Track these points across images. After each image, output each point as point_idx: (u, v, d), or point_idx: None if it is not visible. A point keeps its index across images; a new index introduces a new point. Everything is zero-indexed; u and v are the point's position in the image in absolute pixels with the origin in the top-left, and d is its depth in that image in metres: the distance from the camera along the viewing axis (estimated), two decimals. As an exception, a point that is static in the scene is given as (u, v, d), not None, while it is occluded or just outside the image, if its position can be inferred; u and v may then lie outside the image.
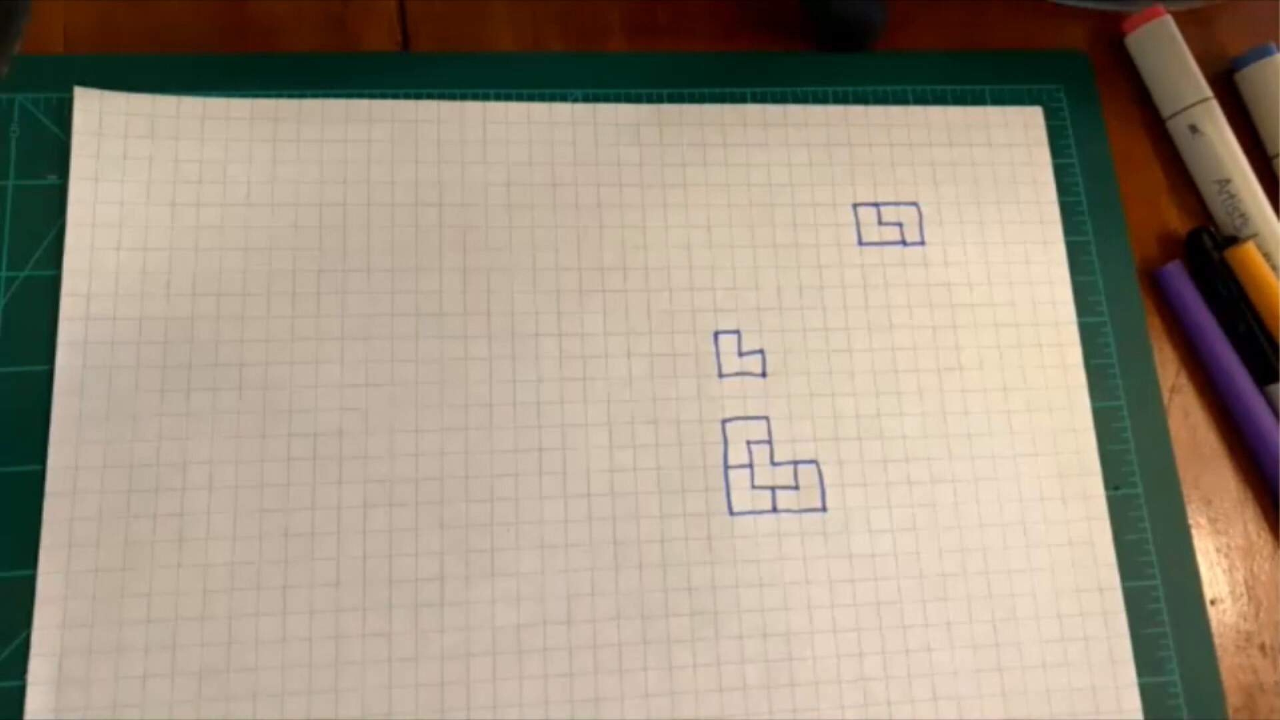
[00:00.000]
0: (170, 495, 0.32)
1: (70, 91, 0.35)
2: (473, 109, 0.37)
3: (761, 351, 0.36)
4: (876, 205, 0.38)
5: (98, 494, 0.31)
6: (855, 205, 0.38)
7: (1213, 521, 0.37)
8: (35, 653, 0.30)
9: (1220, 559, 0.37)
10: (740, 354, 0.35)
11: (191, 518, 0.32)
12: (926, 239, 0.38)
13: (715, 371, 0.35)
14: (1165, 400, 0.38)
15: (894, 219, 0.38)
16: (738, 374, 0.35)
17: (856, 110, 0.39)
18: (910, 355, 0.36)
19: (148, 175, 0.34)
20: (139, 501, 0.32)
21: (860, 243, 0.37)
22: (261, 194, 0.35)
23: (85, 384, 0.32)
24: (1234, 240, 0.39)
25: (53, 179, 0.34)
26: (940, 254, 0.38)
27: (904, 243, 0.38)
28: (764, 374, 0.35)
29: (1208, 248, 0.39)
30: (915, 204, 0.38)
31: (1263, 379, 0.38)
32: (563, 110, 0.37)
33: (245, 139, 0.35)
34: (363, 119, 0.36)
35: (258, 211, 0.35)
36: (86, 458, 0.32)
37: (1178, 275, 0.39)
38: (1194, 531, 0.36)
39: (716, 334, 0.36)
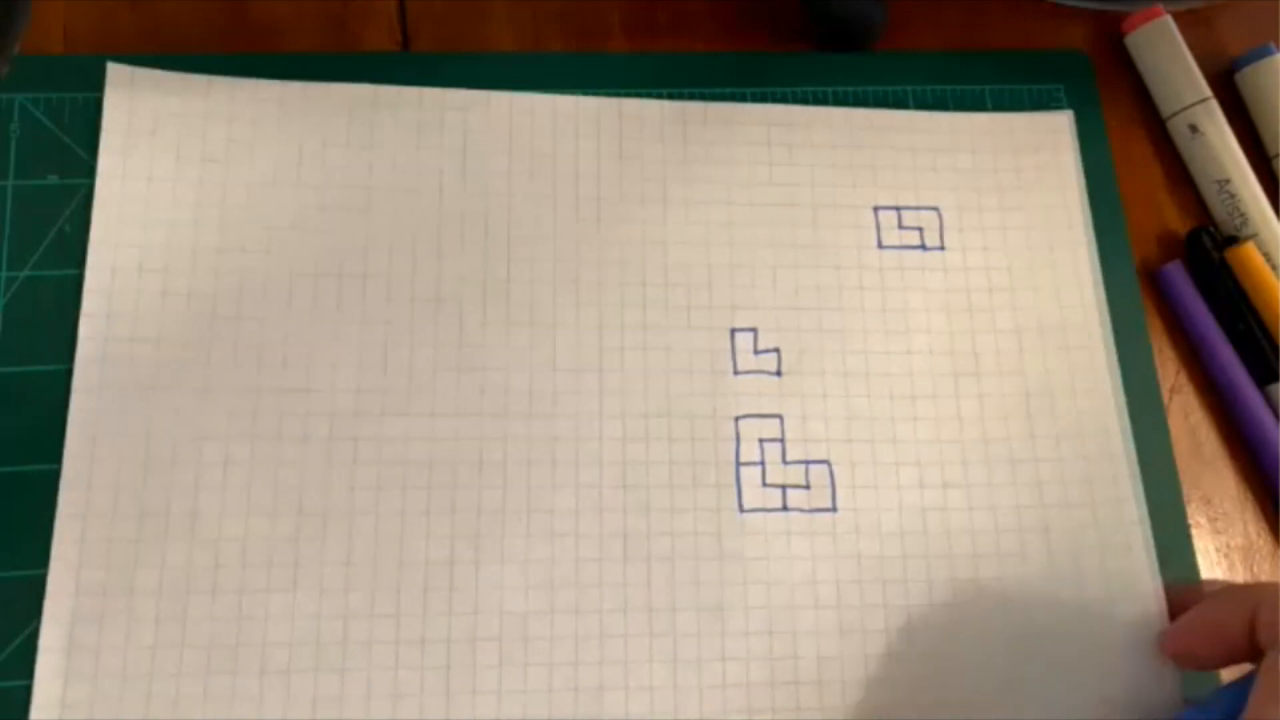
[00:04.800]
0: (185, 469, 0.32)
1: (69, 91, 0.35)
2: (499, 99, 0.37)
3: (777, 350, 0.36)
4: (897, 209, 0.38)
5: (114, 465, 0.32)
6: (876, 208, 0.38)
7: (1213, 521, 0.37)
8: (46, 621, 0.30)
9: (1220, 559, 0.37)
10: (756, 352, 0.35)
11: (206, 492, 0.32)
12: (946, 244, 0.38)
13: (730, 368, 0.35)
14: (1165, 400, 0.38)
15: (914, 223, 0.38)
16: (753, 371, 0.35)
17: (881, 114, 0.39)
18: (926, 359, 0.36)
19: (175, 154, 0.34)
20: (155, 475, 0.32)
21: (880, 245, 0.37)
22: (287, 178, 0.35)
23: (105, 354, 0.32)
24: (1234, 240, 0.39)
25: (52, 179, 0.34)
26: (960, 259, 0.37)
27: (924, 247, 0.37)
28: (779, 373, 0.35)
29: (1207, 247, 0.39)
30: (936, 209, 0.38)
31: (1263, 379, 0.38)
32: (588, 104, 0.37)
33: (273, 121, 0.35)
34: (389, 105, 0.36)
35: (283, 194, 0.35)
36: (105, 429, 0.32)
37: (1178, 275, 0.39)
38: (1194, 531, 0.36)
39: (733, 330, 0.36)
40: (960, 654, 0.33)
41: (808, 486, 0.34)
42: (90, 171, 0.34)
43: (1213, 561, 0.36)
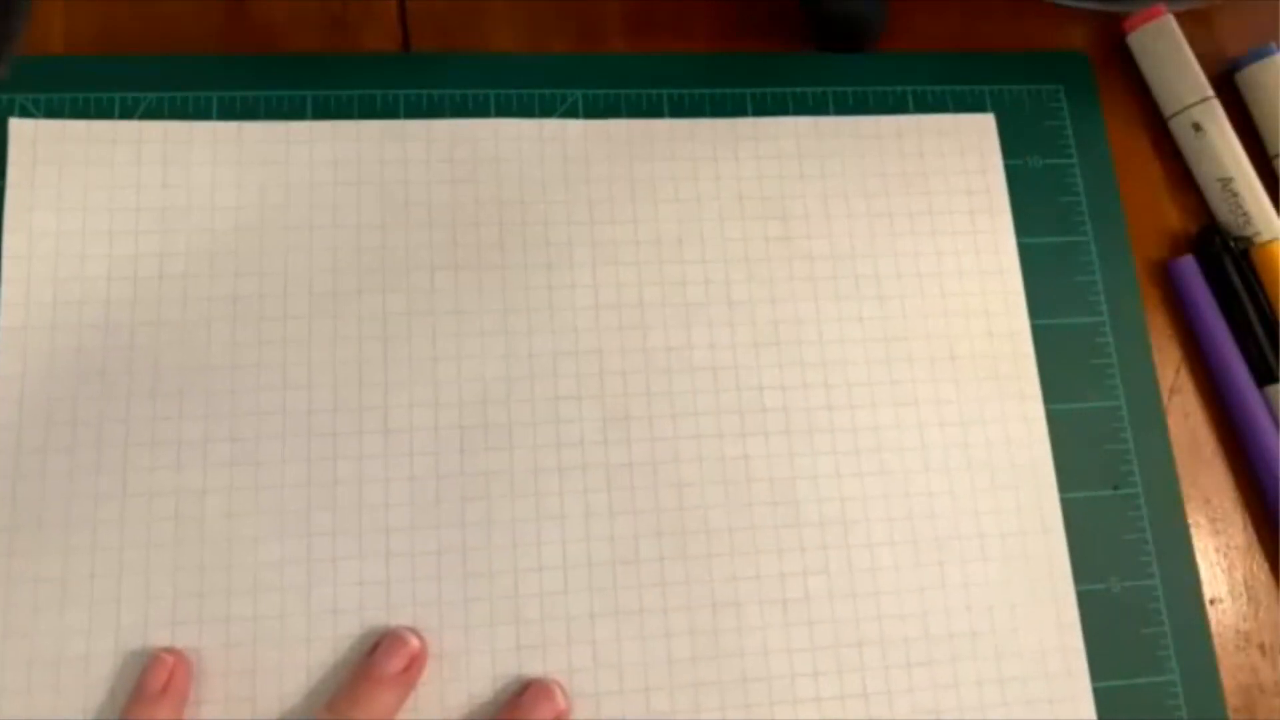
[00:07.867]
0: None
1: (69, 91, 0.35)
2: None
3: None
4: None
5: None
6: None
7: (1212, 521, 0.37)
8: None
9: (1219, 559, 0.37)
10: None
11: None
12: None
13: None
14: (1165, 400, 0.38)
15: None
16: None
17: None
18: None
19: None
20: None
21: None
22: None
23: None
24: (1243, 239, 0.39)
25: (53, 179, 0.34)
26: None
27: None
28: None
29: (1220, 246, 0.39)
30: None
31: (1262, 380, 0.38)
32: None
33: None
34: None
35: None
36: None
37: (1190, 270, 0.39)
38: (1193, 531, 0.36)
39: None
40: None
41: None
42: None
43: (1212, 561, 0.36)
